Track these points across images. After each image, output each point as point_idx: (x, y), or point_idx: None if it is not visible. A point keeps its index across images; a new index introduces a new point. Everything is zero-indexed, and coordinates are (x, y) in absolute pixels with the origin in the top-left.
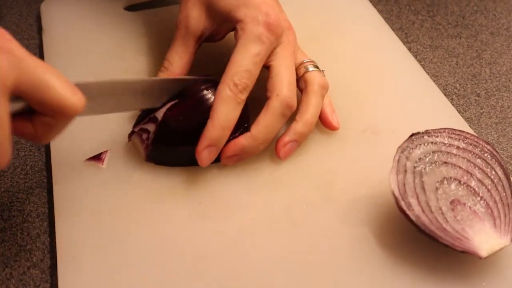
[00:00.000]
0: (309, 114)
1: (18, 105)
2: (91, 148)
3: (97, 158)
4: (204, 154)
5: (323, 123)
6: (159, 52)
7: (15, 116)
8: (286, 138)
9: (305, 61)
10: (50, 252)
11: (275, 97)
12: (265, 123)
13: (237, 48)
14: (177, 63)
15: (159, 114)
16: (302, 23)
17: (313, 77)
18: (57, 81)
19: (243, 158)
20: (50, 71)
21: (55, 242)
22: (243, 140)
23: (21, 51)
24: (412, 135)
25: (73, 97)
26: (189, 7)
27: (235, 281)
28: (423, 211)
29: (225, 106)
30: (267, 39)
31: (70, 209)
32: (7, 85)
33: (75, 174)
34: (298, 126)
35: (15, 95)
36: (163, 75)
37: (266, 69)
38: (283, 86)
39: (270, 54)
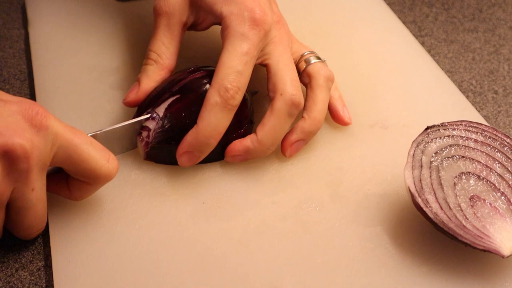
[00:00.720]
0: (316, 111)
1: (56, 168)
2: None
3: None
4: (183, 158)
5: (334, 118)
6: None
7: (53, 175)
8: (293, 137)
9: (305, 53)
10: (40, 253)
11: (279, 96)
12: (271, 126)
13: (224, 49)
14: (165, 54)
15: (160, 111)
16: (310, 16)
17: (317, 70)
18: (93, 152)
19: (249, 159)
20: (86, 142)
21: (49, 243)
22: (248, 142)
23: (56, 126)
24: (428, 128)
25: (107, 166)
26: None
27: (241, 284)
28: (441, 208)
29: (213, 115)
30: (254, 36)
31: (64, 210)
32: (46, 163)
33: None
34: (306, 124)
35: (53, 166)
36: (152, 69)
37: (263, 66)
38: (285, 84)
39: (264, 52)
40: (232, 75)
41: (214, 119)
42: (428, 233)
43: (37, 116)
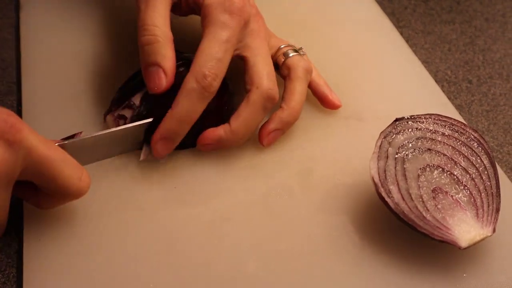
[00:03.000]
0: (294, 101)
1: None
2: (65, 130)
3: (71, 139)
4: (158, 146)
5: (325, 104)
6: None
7: (24, 183)
8: (271, 126)
9: (281, 46)
10: (17, 237)
11: (256, 90)
12: (245, 117)
13: (204, 36)
14: (166, 25)
15: (136, 100)
16: (290, 8)
17: (296, 62)
18: (65, 170)
19: (221, 148)
20: (59, 159)
21: (23, 227)
22: (221, 132)
23: (29, 140)
24: (396, 120)
25: (79, 184)
26: None
27: (206, 267)
28: (403, 199)
29: (188, 100)
30: (235, 25)
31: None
32: (14, 178)
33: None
34: (284, 114)
35: (22, 179)
36: (163, 46)
37: (240, 60)
38: (262, 77)
39: (242, 44)
40: (211, 62)
41: (189, 103)
42: (391, 223)
43: (11, 129)
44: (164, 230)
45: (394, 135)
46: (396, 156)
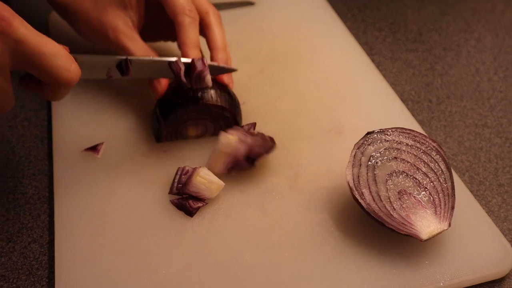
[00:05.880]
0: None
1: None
2: (88, 141)
3: (94, 149)
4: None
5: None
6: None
7: (30, 77)
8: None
9: None
10: (48, 229)
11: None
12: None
13: None
14: (147, 50)
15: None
16: (281, 38)
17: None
18: (54, 61)
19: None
20: (50, 51)
21: (54, 221)
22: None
23: (20, 32)
24: (368, 133)
25: (68, 74)
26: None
27: (208, 255)
28: (374, 200)
29: (193, 31)
30: None
31: (68, 193)
32: (4, 66)
33: (73, 162)
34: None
35: (17, 68)
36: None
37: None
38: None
39: None
40: (187, 1)
41: (194, 33)
42: (365, 220)
43: (1, 22)
44: (173, 222)
45: (366, 146)
46: (368, 164)
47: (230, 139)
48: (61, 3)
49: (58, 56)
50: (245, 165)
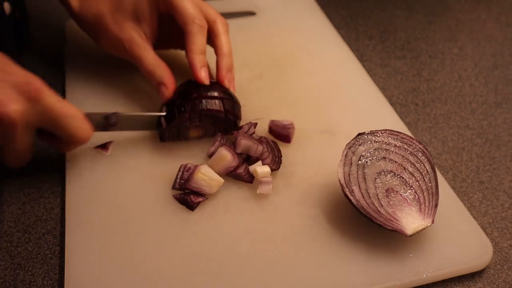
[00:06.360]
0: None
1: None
2: (98, 139)
3: (103, 147)
4: (202, 73)
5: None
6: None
7: (48, 134)
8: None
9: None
10: (61, 221)
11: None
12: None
13: (176, 1)
14: (159, 60)
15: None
16: (279, 45)
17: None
18: (73, 123)
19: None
20: (69, 115)
21: (66, 214)
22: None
23: (47, 100)
24: (359, 134)
25: (83, 134)
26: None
27: (208, 245)
28: (363, 197)
29: (200, 37)
30: None
31: (78, 187)
32: (32, 125)
33: (84, 159)
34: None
35: (42, 128)
36: (160, 71)
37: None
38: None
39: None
40: (196, 11)
41: (201, 41)
42: (354, 215)
43: (32, 91)
44: (177, 215)
45: (357, 146)
46: (358, 163)
47: (225, 155)
48: (86, 21)
49: (76, 119)
50: (244, 178)
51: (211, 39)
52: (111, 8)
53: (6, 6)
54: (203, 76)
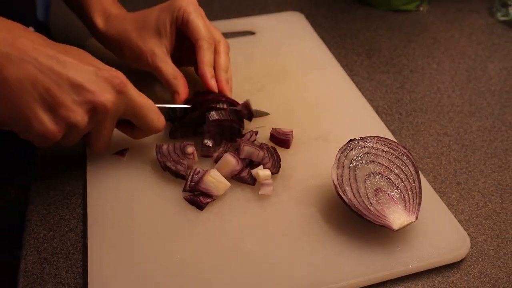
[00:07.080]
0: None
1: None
2: (116, 146)
3: (120, 153)
4: (212, 82)
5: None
6: None
7: (124, 121)
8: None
9: None
10: (82, 221)
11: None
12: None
13: (195, 20)
14: (176, 70)
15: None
16: (277, 61)
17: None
18: (150, 114)
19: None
20: (147, 107)
21: (87, 213)
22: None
23: (131, 92)
24: (350, 140)
25: (157, 124)
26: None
27: (214, 241)
28: (354, 196)
29: (209, 53)
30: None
31: (98, 190)
32: (118, 115)
33: (103, 164)
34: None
35: (124, 118)
36: (175, 82)
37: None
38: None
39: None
40: (207, 31)
41: (210, 55)
42: (347, 213)
43: (120, 84)
44: (187, 214)
45: (349, 151)
46: (350, 166)
47: (230, 160)
48: (111, 38)
49: (152, 110)
50: (247, 181)
51: (214, 56)
52: (136, 25)
53: (30, 30)
54: (213, 85)
